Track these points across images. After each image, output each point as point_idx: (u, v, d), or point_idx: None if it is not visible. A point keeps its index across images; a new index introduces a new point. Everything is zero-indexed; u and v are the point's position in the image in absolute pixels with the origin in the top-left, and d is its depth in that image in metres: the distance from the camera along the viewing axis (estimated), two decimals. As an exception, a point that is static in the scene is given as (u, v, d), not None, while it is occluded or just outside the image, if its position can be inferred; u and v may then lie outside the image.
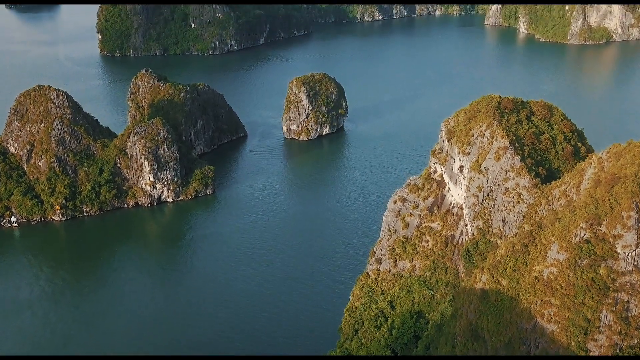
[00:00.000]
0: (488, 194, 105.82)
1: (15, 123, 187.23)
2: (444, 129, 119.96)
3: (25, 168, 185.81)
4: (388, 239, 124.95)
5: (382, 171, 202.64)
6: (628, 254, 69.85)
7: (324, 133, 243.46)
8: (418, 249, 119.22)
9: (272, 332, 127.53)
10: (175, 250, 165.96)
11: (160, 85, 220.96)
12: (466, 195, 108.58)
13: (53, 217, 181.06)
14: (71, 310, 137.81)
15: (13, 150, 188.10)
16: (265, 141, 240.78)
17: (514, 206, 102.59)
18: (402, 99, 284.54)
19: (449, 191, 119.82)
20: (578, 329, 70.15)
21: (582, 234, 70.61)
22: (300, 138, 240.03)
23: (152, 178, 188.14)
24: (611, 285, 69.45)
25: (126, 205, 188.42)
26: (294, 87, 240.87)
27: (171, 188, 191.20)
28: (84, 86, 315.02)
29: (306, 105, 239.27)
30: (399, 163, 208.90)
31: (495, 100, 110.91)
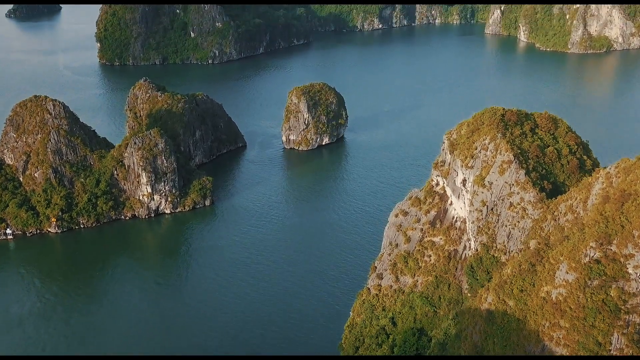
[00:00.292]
0: (492, 209, 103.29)
1: (11, 134, 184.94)
2: (446, 141, 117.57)
3: (21, 179, 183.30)
4: (389, 254, 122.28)
5: (383, 183, 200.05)
6: (640, 275, 67.42)
7: (324, 143, 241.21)
8: (420, 264, 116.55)
9: (271, 347, 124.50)
10: (172, 263, 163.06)
11: (158, 95, 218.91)
12: (469, 209, 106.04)
13: (49, 229, 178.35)
14: (62, 326, 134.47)
15: (9, 161, 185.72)
16: (264, 151, 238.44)
17: (519, 221, 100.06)
18: (403, 109, 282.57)
19: (452, 205, 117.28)
20: (588, 353, 67.42)
21: (592, 254, 68.00)
22: (299, 148, 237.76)
23: (150, 189, 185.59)
24: (622, 307, 66.76)
25: (123, 217, 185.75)
26: (294, 97, 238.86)
27: (169, 199, 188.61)
28: (83, 95, 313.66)
29: (306, 115, 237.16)
30: (400, 174, 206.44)
31: (498, 112, 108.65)
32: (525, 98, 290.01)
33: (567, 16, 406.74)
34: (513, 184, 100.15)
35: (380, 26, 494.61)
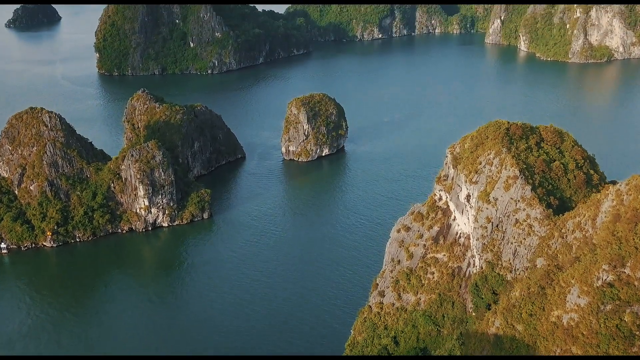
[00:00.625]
0: (497, 225, 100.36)
1: (6, 146, 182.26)
2: (449, 155, 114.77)
3: (16, 192, 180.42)
4: (391, 270, 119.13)
5: (383, 195, 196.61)
6: (655, 298, 64.36)
7: (324, 154, 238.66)
8: (423, 282, 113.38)
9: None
10: (169, 278, 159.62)
11: (156, 106, 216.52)
12: (474, 226, 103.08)
13: (44, 243, 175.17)
14: (54, 348, 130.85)
15: (4, 174, 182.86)
16: (263, 162, 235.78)
17: (525, 238, 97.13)
18: (403, 119, 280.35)
19: (455, 220, 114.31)
20: (602, 381, 64.35)
21: (605, 277, 65.05)
22: (299, 159, 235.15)
23: (147, 202, 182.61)
24: (637, 333, 63.67)
25: (120, 230, 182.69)
26: (294, 108, 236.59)
27: (166, 212, 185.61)
28: (81, 106, 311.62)
29: (305, 126, 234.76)
30: (401, 186, 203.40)
31: (503, 126, 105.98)
32: (527, 108, 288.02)
33: (568, 26, 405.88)
34: (519, 200, 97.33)
35: (380, 36, 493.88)
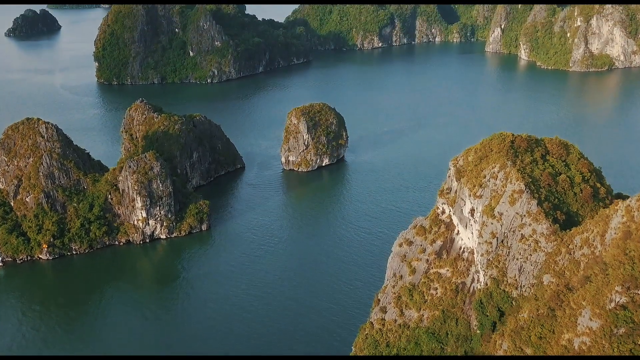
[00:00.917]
0: (502, 241, 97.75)
1: (2, 157, 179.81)
2: (452, 168, 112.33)
3: (12, 204, 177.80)
4: (393, 286, 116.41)
5: (384, 208, 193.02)
6: (670, 321, 61.69)
7: (324, 164, 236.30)
8: (426, 298, 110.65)
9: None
10: (166, 292, 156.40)
11: (154, 116, 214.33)
12: (478, 241, 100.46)
13: (40, 256, 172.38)
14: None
15: (0, 185, 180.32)
16: (263, 172, 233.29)
17: (531, 254, 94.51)
18: (404, 129, 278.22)
19: (459, 234, 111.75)
20: (615, 408, 61.51)
21: (618, 299, 62.38)
22: (299, 169, 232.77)
23: (145, 214, 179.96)
24: (652, 357, 60.96)
25: (117, 242, 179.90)
26: (293, 118, 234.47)
27: (164, 224, 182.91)
28: (80, 116, 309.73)
29: (305, 135, 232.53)
30: (402, 198, 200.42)
31: (507, 138, 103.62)
32: (528, 118, 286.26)
33: (568, 34, 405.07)
34: (524, 215, 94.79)
35: (380, 45, 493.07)
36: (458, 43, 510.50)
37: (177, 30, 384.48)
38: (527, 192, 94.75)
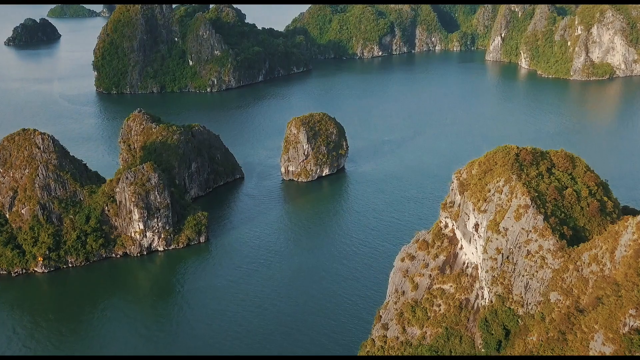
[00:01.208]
0: (507, 257, 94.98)
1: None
2: (456, 181, 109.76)
3: (7, 216, 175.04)
4: (395, 302, 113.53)
5: (385, 221, 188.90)
6: (686, 345, 58.91)
7: (324, 174, 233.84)
8: (429, 314, 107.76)
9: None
10: (164, 306, 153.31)
11: (152, 126, 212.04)
12: (483, 257, 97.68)
13: (35, 269, 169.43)
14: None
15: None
16: (262, 183, 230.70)
17: (537, 271, 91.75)
18: (405, 138, 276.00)
19: (462, 249, 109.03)
20: None
21: (632, 323, 59.63)
22: (299, 179, 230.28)
23: (142, 226, 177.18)
24: (668, 384, 58.12)
25: (114, 255, 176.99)
26: (293, 128, 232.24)
27: (162, 236, 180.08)
28: (78, 125, 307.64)
29: (305, 145, 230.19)
30: (403, 210, 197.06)
31: (512, 151, 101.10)
32: (531, 128, 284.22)
33: (569, 43, 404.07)
34: (530, 231, 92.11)
35: (380, 53, 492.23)
36: (458, 52, 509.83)
37: (177, 39, 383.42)
38: (533, 207, 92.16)
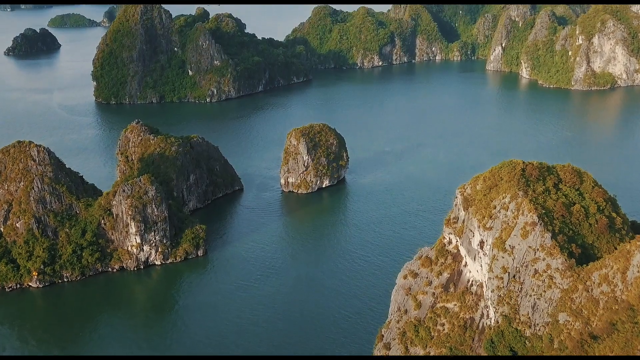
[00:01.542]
0: (514, 276, 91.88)
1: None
2: (460, 197, 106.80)
3: (1, 230, 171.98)
4: (398, 321, 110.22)
5: (386, 237, 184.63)
6: None
7: (324, 185, 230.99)
8: (432, 334, 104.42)
9: None
10: (161, 321, 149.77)
11: (150, 138, 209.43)
12: (488, 276, 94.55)
13: (30, 284, 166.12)
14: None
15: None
16: (262, 194, 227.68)
17: (545, 291, 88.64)
18: (406, 149, 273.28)
19: (467, 266, 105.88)
20: None
21: (650, 352, 56.46)
22: (299, 191, 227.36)
23: (139, 240, 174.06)
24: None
25: (110, 269, 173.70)
26: (293, 139, 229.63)
27: (159, 250, 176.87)
28: (76, 136, 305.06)
29: (305, 157, 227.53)
30: (405, 224, 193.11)
31: (518, 166, 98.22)
32: (533, 139, 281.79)
33: (570, 53, 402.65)
34: (538, 249, 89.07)
35: (380, 63, 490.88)
36: (458, 61, 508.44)
37: (176, 49, 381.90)
38: (541, 225, 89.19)
